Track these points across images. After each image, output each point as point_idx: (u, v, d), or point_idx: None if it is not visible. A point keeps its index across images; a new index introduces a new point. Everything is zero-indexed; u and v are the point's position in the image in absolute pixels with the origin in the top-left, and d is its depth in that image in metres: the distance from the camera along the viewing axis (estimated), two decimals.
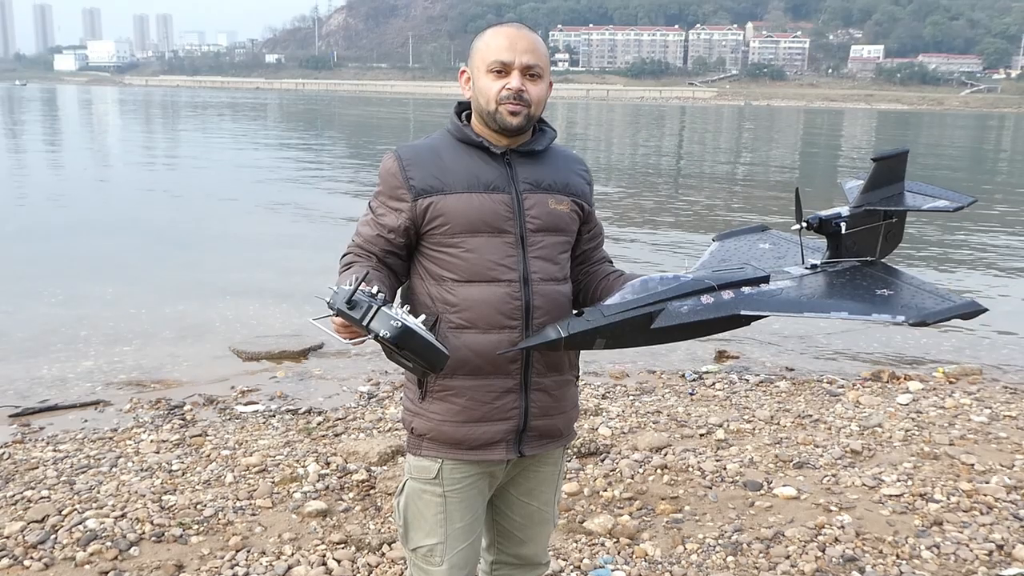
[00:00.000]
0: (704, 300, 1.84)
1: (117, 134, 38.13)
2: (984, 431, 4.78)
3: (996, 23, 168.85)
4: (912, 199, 2.16)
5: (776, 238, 2.40)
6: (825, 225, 2.07)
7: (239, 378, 5.96)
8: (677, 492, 3.96)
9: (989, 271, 10.53)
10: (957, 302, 1.76)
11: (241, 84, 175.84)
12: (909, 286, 1.92)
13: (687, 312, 1.82)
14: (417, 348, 1.62)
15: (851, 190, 2.26)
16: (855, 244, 2.10)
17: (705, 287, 1.85)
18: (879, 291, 1.89)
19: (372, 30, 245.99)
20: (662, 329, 1.82)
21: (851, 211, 2.08)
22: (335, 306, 1.60)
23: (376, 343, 1.62)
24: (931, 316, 1.72)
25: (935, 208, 2.12)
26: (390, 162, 1.96)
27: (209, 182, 18.59)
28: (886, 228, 2.15)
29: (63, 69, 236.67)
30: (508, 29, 1.94)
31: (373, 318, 1.59)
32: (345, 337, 1.69)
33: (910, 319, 1.72)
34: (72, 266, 9.56)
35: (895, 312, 1.76)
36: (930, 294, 1.84)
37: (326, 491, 3.94)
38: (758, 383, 5.88)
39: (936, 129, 54.12)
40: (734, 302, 1.84)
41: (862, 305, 1.85)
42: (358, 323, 1.59)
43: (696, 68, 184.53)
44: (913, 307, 1.77)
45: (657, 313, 1.81)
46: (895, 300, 1.84)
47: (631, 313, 1.82)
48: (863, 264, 2.09)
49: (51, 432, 4.85)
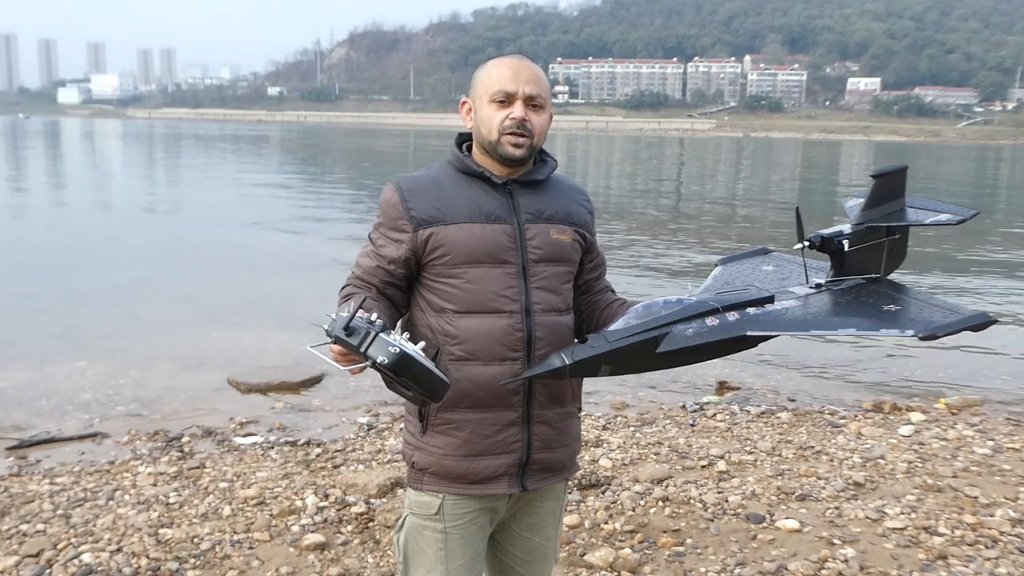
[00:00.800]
0: (709, 322, 1.82)
1: (117, 166, 38.33)
2: (987, 463, 4.75)
3: (991, 56, 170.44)
4: (914, 214, 2.14)
5: (779, 260, 2.38)
6: (827, 243, 2.06)
7: (238, 409, 5.93)
8: (679, 525, 3.92)
9: (988, 302, 10.52)
10: (966, 314, 1.74)
11: (243, 116, 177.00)
12: (916, 301, 1.90)
13: (692, 335, 1.79)
14: (416, 375, 1.58)
15: (851, 208, 2.25)
16: (859, 262, 2.08)
17: (709, 309, 1.83)
18: (886, 307, 1.87)
19: (374, 63, 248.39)
20: (668, 353, 1.80)
21: (853, 228, 2.06)
22: (333, 333, 1.57)
23: (376, 371, 1.59)
24: (941, 329, 1.69)
25: (937, 222, 2.10)
26: (391, 193, 1.95)
27: (208, 213, 18.66)
28: (889, 244, 2.13)
29: (66, 102, 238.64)
30: (511, 60, 1.95)
31: (371, 345, 1.55)
32: (344, 365, 1.64)
33: (919, 333, 1.69)
34: (71, 297, 9.55)
35: (903, 327, 1.74)
36: (938, 308, 1.82)
37: (324, 524, 3.90)
38: (759, 414, 5.85)
39: (935, 161, 54.35)
40: (739, 323, 1.82)
41: (870, 321, 1.84)
42: (355, 350, 1.55)
43: (695, 100, 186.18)
44: (921, 321, 1.75)
45: (662, 337, 1.79)
46: (903, 315, 1.83)
47: (636, 338, 1.79)
48: (868, 281, 2.07)
49: (48, 465, 4.82)
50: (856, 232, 2.05)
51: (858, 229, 2.05)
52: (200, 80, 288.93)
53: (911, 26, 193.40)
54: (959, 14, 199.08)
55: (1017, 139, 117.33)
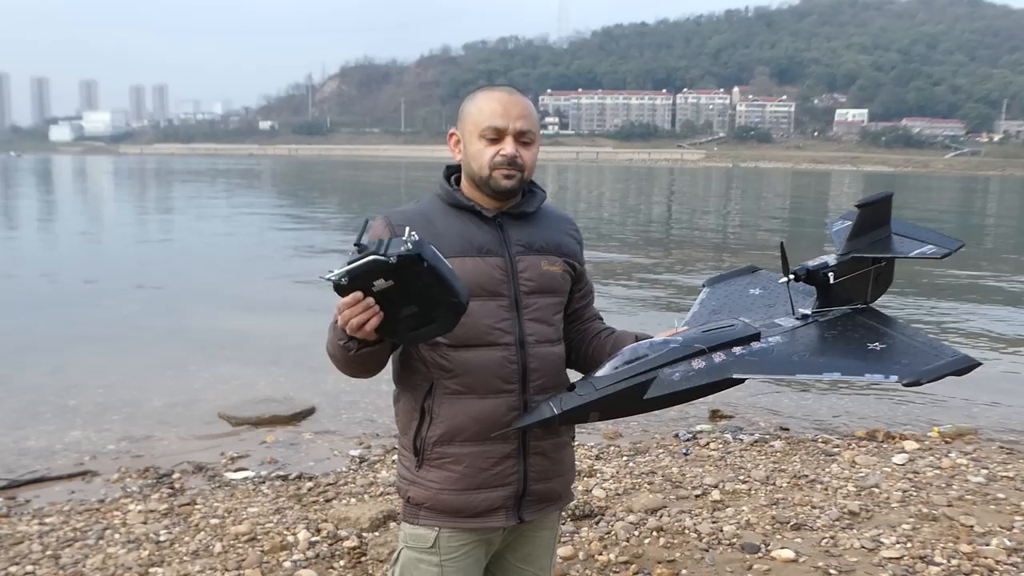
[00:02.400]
0: (696, 364, 1.82)
1: (107, 202, 38.35)
2: (982, 492, 4.73)
3: (978, 89, 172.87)
4: (899, 243, 2.14)
5: (767, 281, 2.37)
6: (813, 276, 2.06)
7: (229, 444, 5.88)
8: (674, 555, 3.90)
9: (978, 334, 10.56)
10: (950, 358, 1.73)
11: (235, 151, 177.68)
12: (902, 337, 1.89)
13: (679, 379, 1.80)
14: (438, 270, 1.56)
15: (837, 232, 2.24)
16: (845, 291, 2.08)
17: (696, 351, 1.84)
18: (871, 345, 1.86)
19: (365, 96, 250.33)
20: (656, 398, 1.81)
21: (838, 260, 2.06)
22: (347, 267, 1.54)
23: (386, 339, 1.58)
24: (925, 375, 1.69)
25: (922, 255, 2.09)
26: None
27: (198, 249, 18.65)
28: (876, 272, 2.13)
29: (59, 139, 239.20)
30: (500, 94, 1.93)
31: (387, 247, 1.53)
32: (354, 319, 1.61)
33: (903, 379, 1.69)
34: (61, 335, 9.49)
35: (888, 371, 1.73)
36: (923, 346, 1.82)
37: (316, 559, 3.86)
38: (753, 443, 5.83)
39: (923, 192, 54.73)
40: (726, 365, 1.82)
41: (855, 363, 1.83)
42: (373, 262, 1.53)
43: (684, 131, 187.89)
44: (905, 365, 1.75)
45: (649, 382, 1.80)
46: (887, 356, 1.82)
47: (623, 384, 1.81)
48: (855, 312, 2.07)
49: (37, 505, 4.76)
50: (842, 263, 2.05)
51: (843, 260, 2.06)
52: (192, 115, 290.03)
53: (898, 59, 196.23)
54: (945, 47, 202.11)
55: (1004, 170, 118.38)
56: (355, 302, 1.60)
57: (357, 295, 1.59)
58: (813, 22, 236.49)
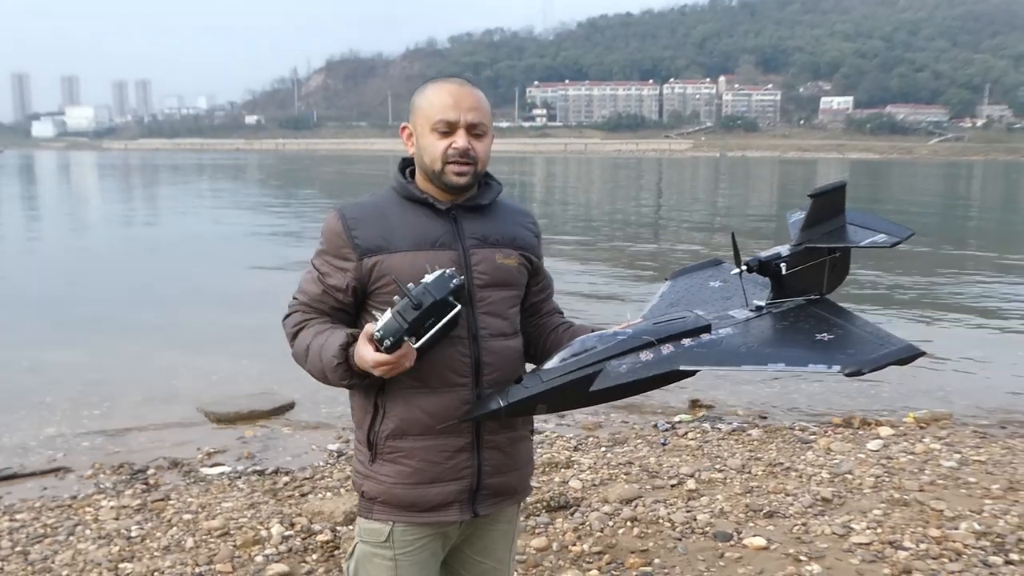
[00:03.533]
0: (643, 357, 1.82)
1: (92, 197, 38.11)
2: (953, 476, 4.77)
3: (960, 74, 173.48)
4: (852, 233, 2.13)
5: (727, 274, 2.36)
6: (765, 267, 2.05)
7: (206, 439, 5.87)
8: (647, 545, 3.91)
9: (956, 314, 10.63)
10: (893, 347, 1.73)
11: (220, 146, 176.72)
12: (850, 328, 1.88)
13: (626, 371, 1.80)
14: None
15: (795, 224, 2.23)
16: (799, 282, 2.07)
17: (644, 343, 1.83)
18: (819, 335, 1.85)
19: (351, 90, 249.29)
20: (602, 390, 1.81)
21: (791, 250, 2.05)
22: (406, 325, 1.64)
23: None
24: (866, 365, 1.69)
25: (873, 243, 2.09)
26: (334, 221, 1.92)
27: (180, 242, 18.56)
28: (831, 263, 2.13)
29: (41, 135, 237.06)
30: (451, 86, 1.91)
31: (431, 288, 1.65)
32: (398, 367, 1.71)
33: (845, 369, 1.69)
34: (40, 330, 9.44)
35: (831, 361, 1.73)
36: (870, 336, 1.81)
37: (289, 553, 3.86)
38: (730, 432, 5.85)
39: (908, 179, 55.01)
40: (673, 357, 1.82)
41: (800, 353, 1.82)
42: (429, 312, 1.64)
43: (671, 121, 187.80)
44: (850, 355, 1.74)
45: (596, 374, 1.80)
46: (833, 346, 1.81)
47: (569, 376, 1.80)
48: (808, 303, 2.06)
49: (8, 501, 4.73)
50: (794, 254, 2.05)
51: (796, 251, 2.05)
52: (176, 110, 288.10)
53: (880, 46, 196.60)
54: (927, 33, 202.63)
55: (987, 155, 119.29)
56: (407, 352, 1.68)
57: (409, 346, 1.68)
58: (796, 10, 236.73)
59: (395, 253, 1.88)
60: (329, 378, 1.84)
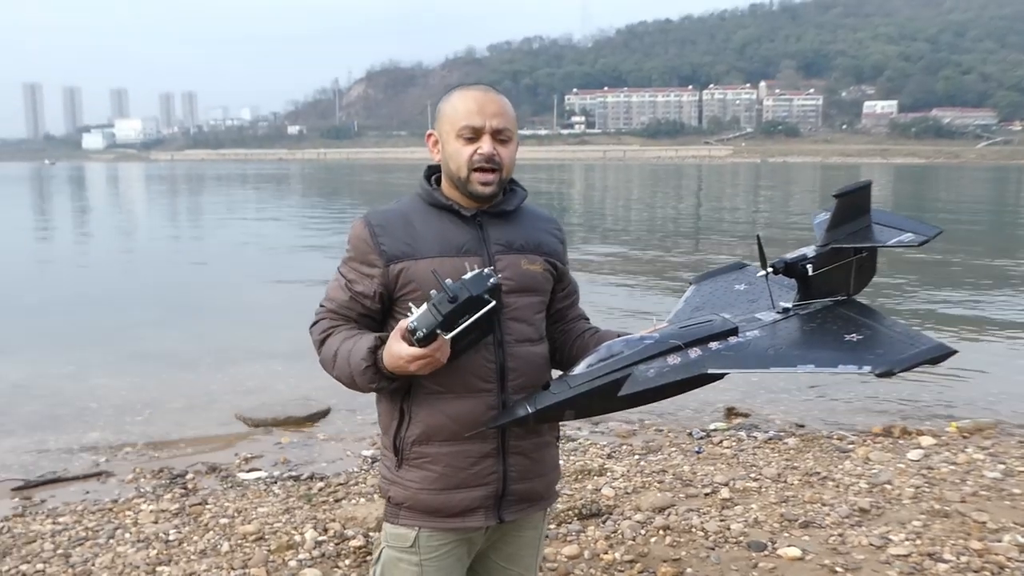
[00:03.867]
0: (671, 361, 1.81)
1: (138, 207, 38.92)
2: (997, 487, 4.65)
3: (1008, 76, 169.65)
4: (879, 232, 2.11)
5: (752, 276, 2.35)
6: (791, 269, 2.03)
7: (244, 445, 5.95)
8: (679, 554, 3.87)
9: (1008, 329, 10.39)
10: (924, 346, 1.70)
11: (264, 156, 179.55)
12: (880, 328, 1.86)
13: (654, 376, 1.79)
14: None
15: (820, 225, 2.21)
16: (825, 284, 2.05)
17: (671, 347, 1.82)
18: (848, 336, 1.83)
19: (391, 99, 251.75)
20: (630, 395, 1.80)
21: (816, 251, 2.03)
22: (440, 318, 1.63)
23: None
24: (897, 364, 1.67)
25: (900, 243, 2.06)
26: (360, 228, 1.94)
27: (224, 251, 18.86)
28: (857, 263, 2.10)
29: (91, 147, 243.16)
30: (476, 93, 1.93)
31: (469, 284, 1.64)
32: (433, 362, 1.71)
33: (876, 370, 1.67)
34: (85, 337, 9.64)
35: (861, 362, 1.71)
36: (900, 336, 1.78)
37: (322, 558, 3.89)
38: (766, 440, 5.78)
39: (954, 184, 53.84)
40: (701, 360, 1.81)
41: (829, 354, 1.80)
42: (465, 303, 1.63)
43: (711, 127, 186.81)
44: (880, 355, 1.72)
45: (624, 379, 1.79)
46: (863, 347, 1.78)
47: (597, 382, 1.80)
48: (836, 304, 2.04)
49: (52, 505, 4.84)
50: (820, 255, 2.03)
51: (822, 252, 2.03)
52: (221, 121, 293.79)
53: (926, 48, 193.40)
54: (973, 35, 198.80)
55: None
56: (441, 345, 1.68)
57: (444, 339, 1.67)
58: (838, 13, 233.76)
59: (421, 260, 1.89)
60: (357, 382, 1.85)
